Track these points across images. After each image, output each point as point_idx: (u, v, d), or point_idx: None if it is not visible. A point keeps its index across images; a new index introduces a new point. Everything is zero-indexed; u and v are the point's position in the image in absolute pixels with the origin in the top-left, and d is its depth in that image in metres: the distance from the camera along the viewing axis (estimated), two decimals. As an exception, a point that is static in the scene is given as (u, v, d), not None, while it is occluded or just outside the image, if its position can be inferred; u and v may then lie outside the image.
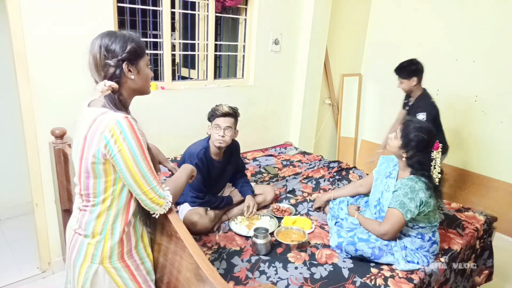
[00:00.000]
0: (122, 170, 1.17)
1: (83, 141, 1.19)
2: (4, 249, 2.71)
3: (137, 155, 1.17)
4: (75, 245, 1.28)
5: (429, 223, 1.82)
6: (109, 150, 1.15)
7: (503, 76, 3.21)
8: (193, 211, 2.03)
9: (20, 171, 2.97)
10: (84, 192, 1.23)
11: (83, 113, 1.25)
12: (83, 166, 1.20)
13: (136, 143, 1.17)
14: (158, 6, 2.74)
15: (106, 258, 1.25)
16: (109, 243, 1.25)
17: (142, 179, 1.19)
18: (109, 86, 1.19)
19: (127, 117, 1.17)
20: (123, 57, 1.21)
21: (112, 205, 1.24)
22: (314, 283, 1.65)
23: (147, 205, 1.25)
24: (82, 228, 1.26)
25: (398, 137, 1.85)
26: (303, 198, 2.53)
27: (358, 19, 4.14)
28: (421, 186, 1.75)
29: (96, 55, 1.19)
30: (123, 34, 1.23)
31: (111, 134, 1.14)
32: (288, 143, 3.74)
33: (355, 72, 4.34)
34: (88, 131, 1.17)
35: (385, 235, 1.79)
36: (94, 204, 1.23)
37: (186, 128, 2.99)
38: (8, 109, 2.93)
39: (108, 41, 1.20)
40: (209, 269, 1.25)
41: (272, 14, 3.27)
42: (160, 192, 1.25)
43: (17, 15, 2.05)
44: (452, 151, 3.58)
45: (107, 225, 1.24)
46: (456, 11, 3.46)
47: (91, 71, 1.23)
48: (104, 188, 1.22)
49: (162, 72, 2.90)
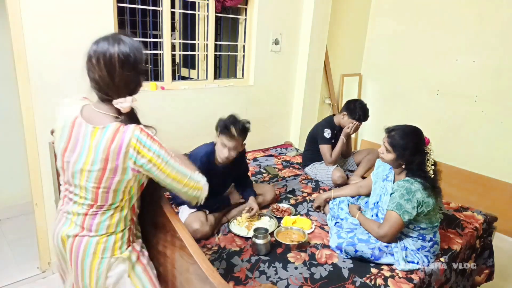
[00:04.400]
0: (158, 176, 1.20)
1: (102, 163, 1.14)
2: (4, 249, 2.71)
3: (164, 157, 1.19)
4: (79, 247, 1.24)
5: (430, 223, 1.82)
6: (141, 165, 1.16)
7: (503, 76, 3.21)
8: (194, 218, 1.99)
9: (20, 171, 2.97)
10: (100, 204, 1.21)
11: (80, 124, 1.19)
12: (104, 183, 1.17)
13: (158, 147, 1.18)
14: (158, 6, 2.74)
15: (117, 249, 1.26)
16: (120, 235, 1.26)
17: (177, 174, 1.22)
18: (134, 101, 1.18)
19: (142, 128, 1.17)
20: (141, 69, 1.18)
21: (125, 206, 1.26)
22: (314, 283, 1.65)
23: (191, 194, 1.27)
24: (92, 230, 1.23)
25: (389, 149, 1.85)
26: (303, 198, 2.53)
27: (358, 19, 4.14)
28: (417, 186, 1.75)
29: (114, 68, 1.11)
30: (130, 40, 1.16)
31: (136, 150, 1.14)
32: (288, 143, 3.74)
33: (355, 72, 4.34)
34: (107, 153, 1.13)
35: (384, 237, 1.79)
36: (108, 209, 1.23)
37: (186, 128, 2.99)
38: (8, 109, 2.93)
39: (126, 51, 1.12)
40: (209, 269, 1.25)
41: (272, 14, 3.27)
42: (196, 177, 1.28)
43: (17, 15, 2.05)
44: (452, 151, 3.59)
45: (120, 222, 1.26)
46: (456, 11, 3.46)
47: (101, 84, 1.14)
48: (122, 197, 1.23)
49: (162, 72, 2.89)
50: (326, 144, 2.86)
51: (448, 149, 3.58)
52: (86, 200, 1.21)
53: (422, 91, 3.81)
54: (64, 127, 1.21)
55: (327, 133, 2.86)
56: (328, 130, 2.87)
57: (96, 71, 1.12)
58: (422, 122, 1.90)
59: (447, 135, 3.64)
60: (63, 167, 1.23)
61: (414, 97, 3.88)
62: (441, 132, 3.64)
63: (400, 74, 3.99)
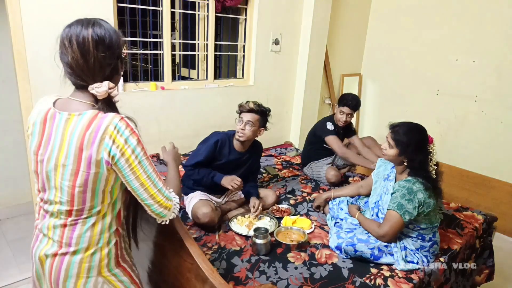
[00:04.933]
0: (127, 175, 1.08)
1: (76, 153, 1.04)
2: (4, 249, 2.71)
3: (140, 156, 1.08)
4: (59, 268, 1.11)
5: (430, 224, 1.82)
6: (113, 156, 1.04)
7: (503, 76, 3.21)
8: (204, 203, 2.05)
9: (20, 171, 2.97)
10: (77, 208, 1.09)
11: (52, 116, 1.09)
12: (80, 180, 1.05)
13: (136, 142, 1.07)
14: (158, 6, 2.74)
15: (104, 267, 1.15)
16: (105, 250, 1.14)
17: (148, 181, 1.10)
18: (111, 88, 1.07)
19: (123, 117, 1.07)
20: (119, 53, 1.09)
21: (107, 212, 1.14)
22: (314, 283, 1.65)
23: (155, 210, 1.14)
24: (72, 244, 1.10)
25: (392, 145, 1.84)
26: (302, 198, 2.53)
27: (358, 19, 4.14)
28: (419, 187, 1.75)
29: (87, 49, 1.02)
30: (106, 23, 1.08)
31: (112, 139, 1.03)
32: (288, 143, 3.75)
33: (355, 72, 4.34)
34: (82, 140, 1.03)
35: (384, 237, 1.79)
36: (89, 215, 1.11)
37: (186, 128, 2.99)
38: (8, 109, 2.93)
39: (101, 33, 1.04)
40: (209, 269, 1.25)
41: (272, 14, 3.27)
42: (167, 194, 1.16)
43: (17, 15, 2.05)
44: (452, 151, 3.59)
45: (104, 233, 1.13)
46: (456, 11, 3.46)
47: (74, 67, 1.04)
48: (102, 199, 1.11)
49: (162, 72, 2.90)
50: (332, 135, 2.80)
51: (448, 149, 3.59)
52: (62, 205, 1.09)
53: (422, 91, 3.81)
54: (35, 123, 1.11)
55: (329, 126, 2.83)
56: (329, 123, 2.85)
57: (69, 53, 1.03)
58: (422, 122, 1.89)
59: (447, 135, 3.64)
60: (37, 170, 1.12)
61: (414, 97, 3.88)
62: (441, 132, 3.65)
63: (400, 74, 3.99)
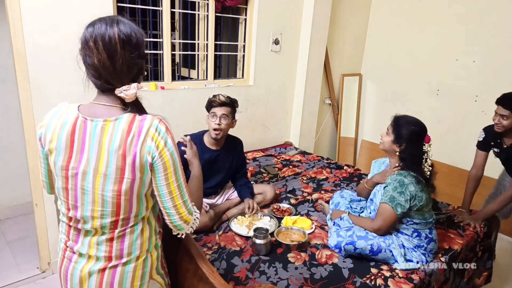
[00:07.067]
0: (159, 179, 1.02)
1: (119, 160, 0.97)
2: (4, 249, 2.71)
3: (177, 162, 1.04)
4: (112, 281, 1.05)
5: (424, 219, 1.83)
6: (153, 157, 0.99)
7: (503, 76, 3.21)
8: None
9: (20, 171, 2.97)
10: (123, 216, 1.03)
11: (82, 124, 1.00)
12: (125, 187, 0.99)
13: (175, 148, 1.03)
14: (158, 6, 2.74)
15: (154, 270, 1.13)
16: (155, 254, 1.13)
17: (177, 190, 1.05)
18: (139, 89, 1.01)
19: (161, 119, 1.02)
20: (144, 53, 1.02)
21: (151, 215, 1.11)
22: (314, 283, 1.65)
23: (174, 222, 1.08)
24: (124, 255, 1.05)
25: (389, 132, 1.89)
26: (303, 198, 2.53)
27: (358, 19, 4.14)
28: (410, 180, 1.77)
29: (114, 50, 0.95)
30: (129, 21, 1.01)
31: (154, 141, 0.98)
32: (288, 143, 3.75)
33: (355, 72, 4.34)
34: (124, 146, 0.97)
35: (379, 230, 1.82)
36: (135, 222, 1.06)
37: (186, 128, 2.99)
38: (7, 109, 2.93)
39: (127, 32, 0.97)
40: (209, 269, 1.25)
41: (272, 14, 3.27)
42: (190, 207, 1.10)
43: (17, 15, 2.05)
44: (452, 151, 3.59)
45: (152, 237, 1.11)
46: (456, 11, 3.45)
47: (101, 70, 0.96)
48: (146, 204, 1.06)
49: (162, 72, 2.89)
50: None
51: (448, 149, 3.58)
52: (105, 218, 1.01)
53: (422, 91, 3.81)
54: (60, 136, 1.01)
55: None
56: None
57: (95, 55, 0.95)
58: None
59: (447, 135, 3.64)
60: (67, 186, 1.02)
61: (414, 97, 3.88)
62: (441, 132, 3.64)
63: (400, 74, 3.99)
